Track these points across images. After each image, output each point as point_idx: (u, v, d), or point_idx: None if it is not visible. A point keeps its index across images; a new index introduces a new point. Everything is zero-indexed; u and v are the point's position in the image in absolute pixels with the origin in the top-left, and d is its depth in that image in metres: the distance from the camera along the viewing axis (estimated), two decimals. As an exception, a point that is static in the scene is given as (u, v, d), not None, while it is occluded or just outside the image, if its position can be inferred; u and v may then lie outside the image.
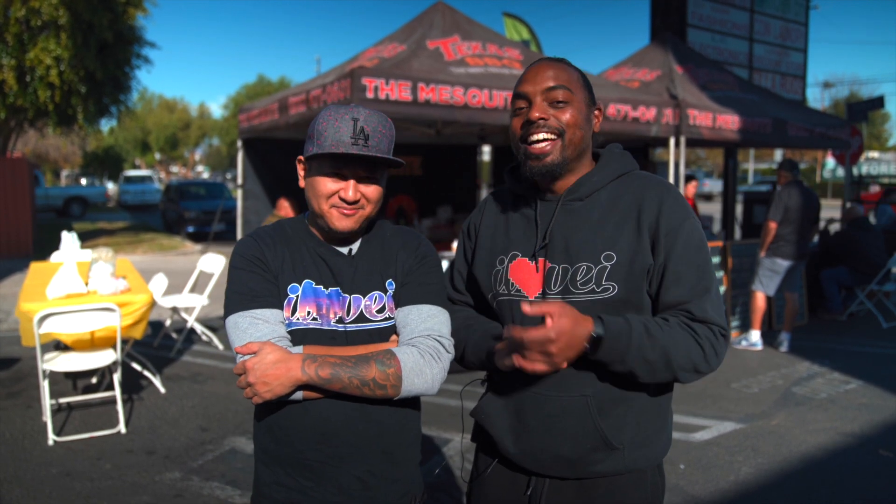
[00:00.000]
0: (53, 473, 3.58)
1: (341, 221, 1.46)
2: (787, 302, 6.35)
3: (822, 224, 8.36)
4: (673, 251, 1.39)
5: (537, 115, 1.40)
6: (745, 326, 6.99)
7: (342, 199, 1.44)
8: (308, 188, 1.49)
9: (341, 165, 1.43)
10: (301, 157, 1.52)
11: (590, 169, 1.51)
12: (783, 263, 6.15)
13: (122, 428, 4.15)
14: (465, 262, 1.69)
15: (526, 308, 1.28)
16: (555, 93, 1.41)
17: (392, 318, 1.51)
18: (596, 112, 1.49)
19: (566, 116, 1.41)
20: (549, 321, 1.23)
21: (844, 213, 8.06)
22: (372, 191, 1.47)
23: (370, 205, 1.48)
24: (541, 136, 1.41)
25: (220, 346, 6.18)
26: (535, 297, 1.46)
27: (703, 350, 1.35)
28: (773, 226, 6.14)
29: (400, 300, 1.52)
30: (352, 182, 1.44)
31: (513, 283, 1.49)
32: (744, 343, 6.37)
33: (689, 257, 1.39)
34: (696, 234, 1.41)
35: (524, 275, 1.48)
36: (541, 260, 1.46)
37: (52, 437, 3.97)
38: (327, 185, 1.44)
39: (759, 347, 6.32)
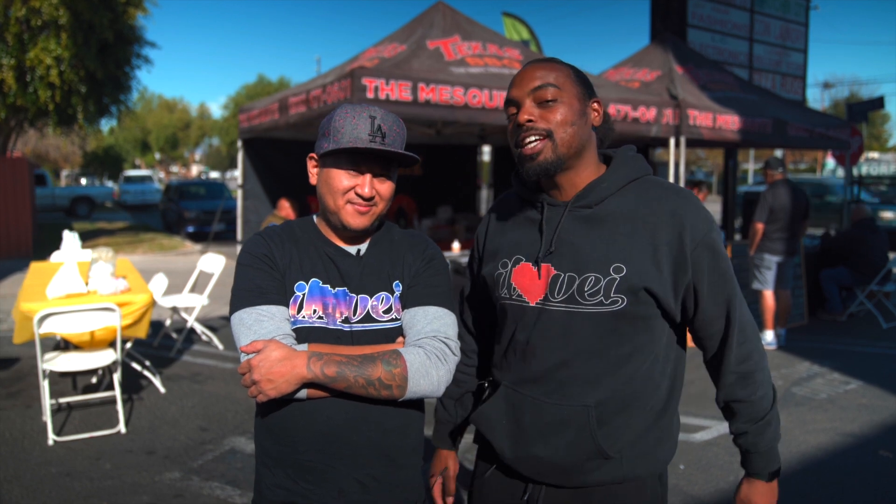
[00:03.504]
0: (53, 473, 3.58)
1: (355, 219, 1.46)
2: (779, 299, 6.41)
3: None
4: (706, 264, 1.38)
5: (525, 117, 1.38)
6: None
7: (358, 195, 1.44)
8: (321, 185, 1.49)
9: (359, 161, 1.44)
10: (313, 155, 1.52)
11: (596, 169, 1.46)
12: (772, 259, 6.26)
13: (121, 428, 4.15)
14: (470, 278, 1.70)
15: None
16: (542, 92, 1.37)
17: (398, 320, 1.51)
18: (594, 105, 1.44)
19: (556, 115, 1.37)
20: None
21: (852, 213, 8.08)
22: (386, 188, 1.48)
23: (383, 202, 1.49)
24: (531, 138, 1.38)
25: (220, 346, 6.18)
26: (536, 304, 1.43)
27: (766, 378, 1.48)
28: (759, 227, 6.29)
29: (407, 302, 1.51)
30: (368, 177, 1.45)
31: (514, 288, 1.47)
32: None
33: (722, 267, 1.40)
34: (720, 241, 1.41)
35: (526, 280, 1.46)
36: (544, 266, 1.43)
37: (51, 437, 3.97)
38: (343, 181, 1.45)
39: (774, 347, 6.36)
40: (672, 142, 6.87)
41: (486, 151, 13.15)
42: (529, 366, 1.44)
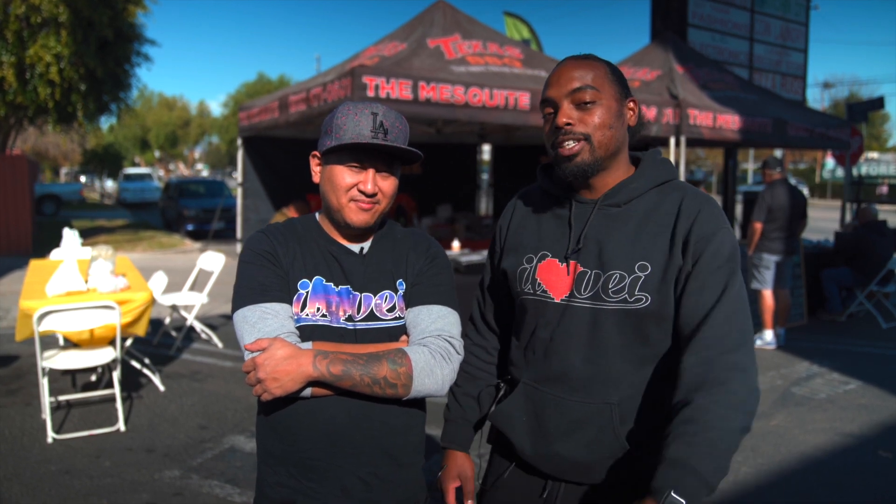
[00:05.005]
0: (53, 471, 3.57)
1: (358, 216, 1.46)
2: (777, 298, 6.41)
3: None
4: (702, 258, 1.34)
5: (563, 120, 1.37)
6: (748, 325, 7.01)
7: (361, 192, 1.44)
8: (324, 182, 1.48)
9: (362, 157, 1.44)
10: (316, 153, 1.51)
11: (626, 170, 1.46)
12: (770, 258, 6.27)
13: (121, 426, 4.14)
14: (490, 270, 1.68)
15: None
16: (581, 94, 1.36)
17: (402, 318, 1.50)
18: (630, 104, 1.43)
19: (594, 118, 1.37)
20: None
21: (859, 214, 8.07)
22: (388, 184, 1.48)
23: (386, 199, 1.48)
24: (569, 142, 1.38)
25: (220, 345, 6.18)
26: (562, 300, 1.43)
27: (747, 389, 1.26)
28: (757, 226, 6.30)
29: (410, 300, 1.51)
30: (371, 172, 1.44)
31: (539, 283, 1.46)
32: (758, 342, 6.39)
33: (716, 264, 1.34)
34: (728, 244, 1.36)
35: (553, 276, 1.45)
36: (572, 263, 1.43)
37: (51, 435, 3.96)
38: (346, 177, 1.44)
39: (773, 346, 6.35)
40: (672, 141, 6.88)
41: (487, 150, 13.16)
42: (551, 363, 1.43)
